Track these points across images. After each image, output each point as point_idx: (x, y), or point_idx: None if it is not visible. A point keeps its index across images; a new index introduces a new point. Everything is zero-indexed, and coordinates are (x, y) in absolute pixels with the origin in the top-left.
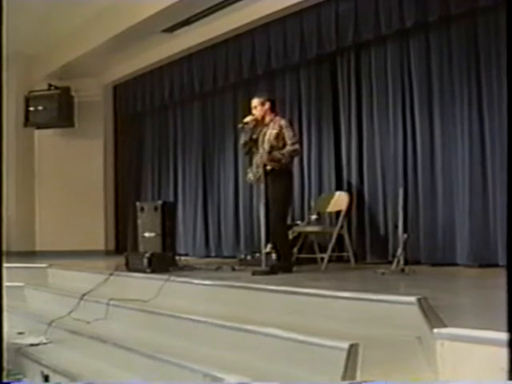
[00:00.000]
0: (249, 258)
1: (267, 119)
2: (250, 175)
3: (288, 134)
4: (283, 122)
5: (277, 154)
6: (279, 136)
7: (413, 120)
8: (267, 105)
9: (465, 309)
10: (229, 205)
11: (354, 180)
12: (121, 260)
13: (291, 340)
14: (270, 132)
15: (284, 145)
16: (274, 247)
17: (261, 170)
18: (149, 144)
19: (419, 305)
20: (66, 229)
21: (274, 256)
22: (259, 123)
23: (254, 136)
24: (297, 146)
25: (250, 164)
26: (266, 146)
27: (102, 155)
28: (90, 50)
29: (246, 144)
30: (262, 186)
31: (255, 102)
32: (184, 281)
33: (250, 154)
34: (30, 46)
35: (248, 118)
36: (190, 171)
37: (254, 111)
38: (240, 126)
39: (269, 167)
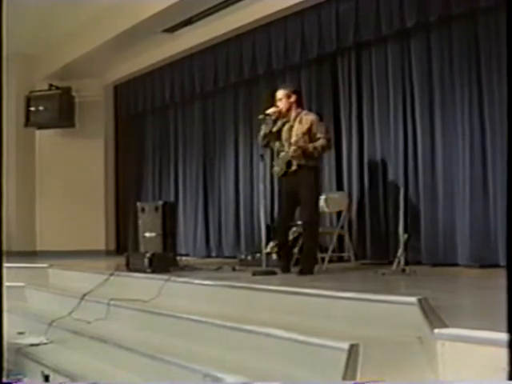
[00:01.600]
0: (249, 258)
1: (293, 113)
2: (277, 169)
3: (320, 129)
4: (313, 117)
5: (310, 146)
6: (310, 131)
7: (413, 120)
8: (293, 97)
9: (465, 309)
10: (229, 205)
11: (355, 180)
12: (121, 260)
13: (291, 340)
14: (298, 127)
15: (312, 141)
16: (278, 246)
17: (284, 167)
18: (149, 144)
19: (420, 305)
20: (66, 229)
21: (274, 256)
22: (282, 116)
23: (274, 129)
24: (329, 142)
25: (270, 160)
26: (301, 140)
27: (103, 155)
28: (91, 50)
29: (265, 136)
30: (262, 185)
31: (280, 93)
32: (184, 281)
33: (268, 147)
34: (30, 46)
35: (271, 110)
36: (190, 171)
37: (278, 103)
38: (261, 116)
39: (294, 167)
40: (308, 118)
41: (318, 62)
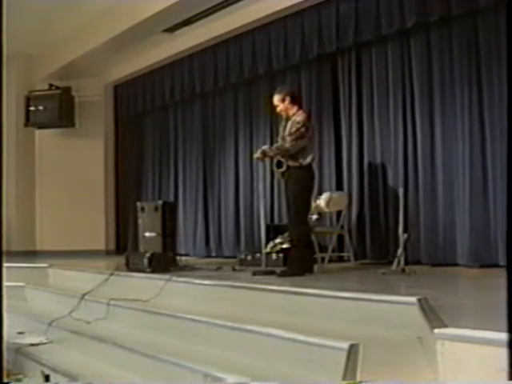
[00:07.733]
0: (249, 258)
1: (291, 113)
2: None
3: (292, 129)
4: (298, 118)
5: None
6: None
7: (413, 120)
8: (287, 100)
9: (465, 309)
10: (229, 205)
11: (355, 180)
12: (121, 260)
13: (291, 340)
14: (287, 127)
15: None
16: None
17: (275, 168)
18: (149, 144)
19: (420, 305)
20: (66, 228)
21: (274, 256)
22: (287, 117)
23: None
24: (285, 144)
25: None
26: (286, 141)
27: (103, 155)
28: (91, 50)
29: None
30: (261, 185)
31: (275, 100)
32: (184, 281)
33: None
34: (30, 46)
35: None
36: (190, 171)
37: (277, 109)
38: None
39: (283, 168)
40: (295, 119)
41: (318, 62)
